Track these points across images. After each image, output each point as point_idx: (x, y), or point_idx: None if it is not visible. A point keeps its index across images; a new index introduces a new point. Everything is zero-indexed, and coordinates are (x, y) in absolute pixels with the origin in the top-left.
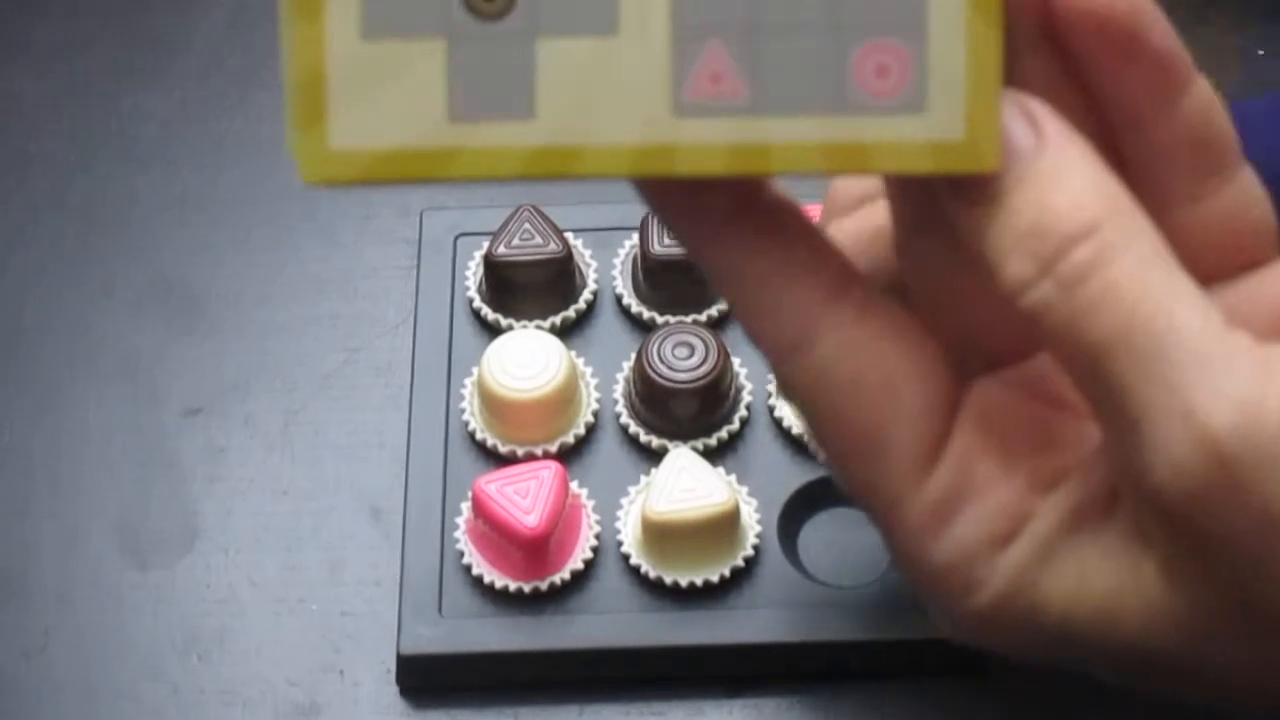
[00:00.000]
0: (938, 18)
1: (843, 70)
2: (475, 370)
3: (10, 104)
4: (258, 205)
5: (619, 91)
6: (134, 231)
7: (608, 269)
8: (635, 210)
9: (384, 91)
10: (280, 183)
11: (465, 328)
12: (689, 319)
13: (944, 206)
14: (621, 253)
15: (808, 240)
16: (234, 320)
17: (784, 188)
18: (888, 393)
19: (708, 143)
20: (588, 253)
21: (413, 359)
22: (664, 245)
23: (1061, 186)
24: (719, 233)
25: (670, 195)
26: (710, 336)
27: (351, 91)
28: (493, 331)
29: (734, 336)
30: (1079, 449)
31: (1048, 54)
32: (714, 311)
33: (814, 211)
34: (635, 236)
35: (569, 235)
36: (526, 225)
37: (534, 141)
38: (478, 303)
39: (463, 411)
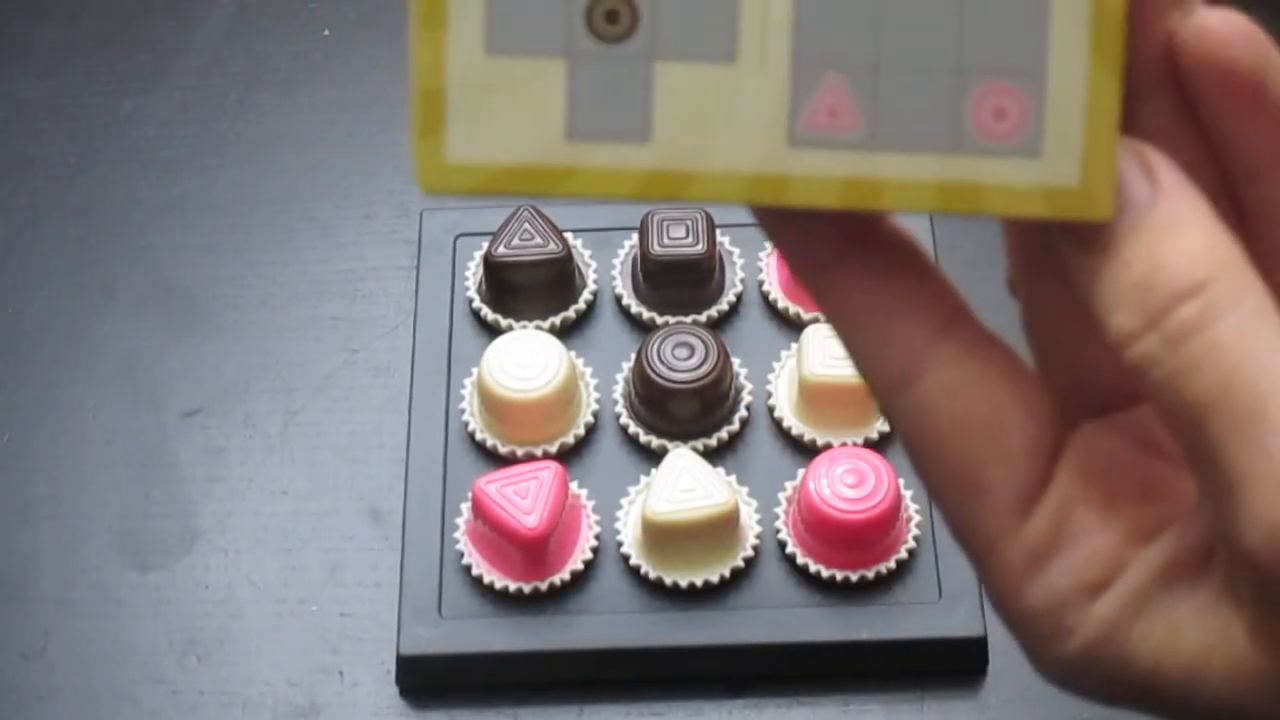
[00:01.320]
0: (1057, 62)
1: (960, 110)
2: (475, 371)
3: (11, 107)
4: (258, 207)
5: (735, 119)
6: (134, 233)
7: (607, 269)
8: (635, 210)
9: (504, 106)
10: (280, 184)
11: (465, 328)
12: (689, 319)
13: (1057, 250)
14: (621, 253)
15: (920, 275)
16: (234, 321)
17: (898, 220)
18: (992, 432)
19: (821, 175)
20: (587, 253)
21: (412, 360)
22: (663, 245)
23: (1174, 240)
24: (831, 263)
25: (784, 222)
26: (710, 337)
27: (472, 104)
28: (492, 332)
29: (734, 337)
30: (1179, 502)
31: (1169, 100)
32: (714, 312)
33: None
34: (635, 236)
35: (569, 235)
36: (526, 225)
37: (648, 164)
38: (477, 303)
39: (462, 412)
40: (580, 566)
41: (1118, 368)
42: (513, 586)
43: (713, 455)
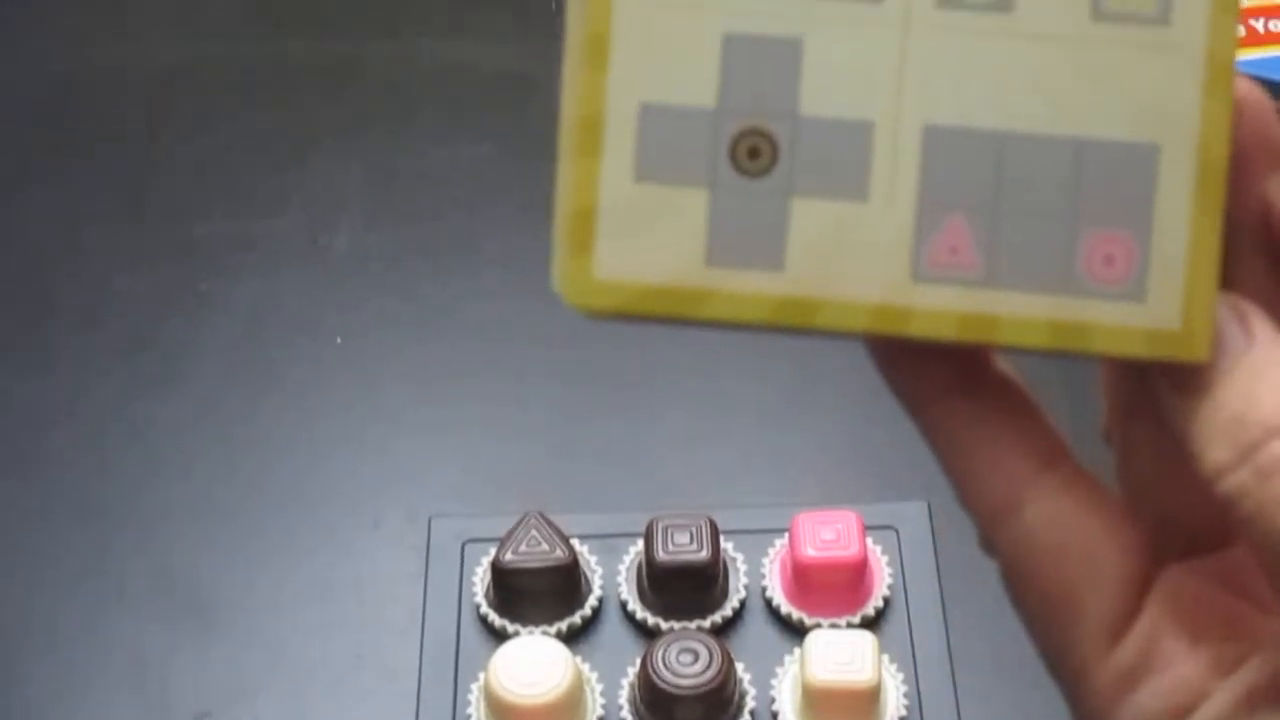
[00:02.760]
0: (1163, 215)
1: (1072, 255)
2: (482, 675)
3: (27, 408)
4: (268, 510)
5: (863, 253)
6: (145, 534)
7: (613, 574)
8: (640, 517)
9: (649, 230)
10: (291, 488)
11: (472, 633)
12: (693, 624)
13: (1155, 390)
14: (627, 559)
15: (1025, 412)
16: (243, 623)
17: (1006, 361)
18: (1087, 563)
19: (941, 309)
20: (593, 559)
21: (420, 664)
22: (668, 551)
23: (1266, 384)
24: (940, 397)
25: (898, 357)
26: (714, 643)
27: (619, 227)
28: (499, 637)
29: (737, 642)
30: (1262, 638)
31: (1264, 260)
32: (718, 617)
33: None
34: (640, 543)
35: (575, 541)
36: (533, 532)
37: (781, 292)
38: (485, 608)
39: (469, 716)
40: None
41: (1206, 510)
42: None
43: None
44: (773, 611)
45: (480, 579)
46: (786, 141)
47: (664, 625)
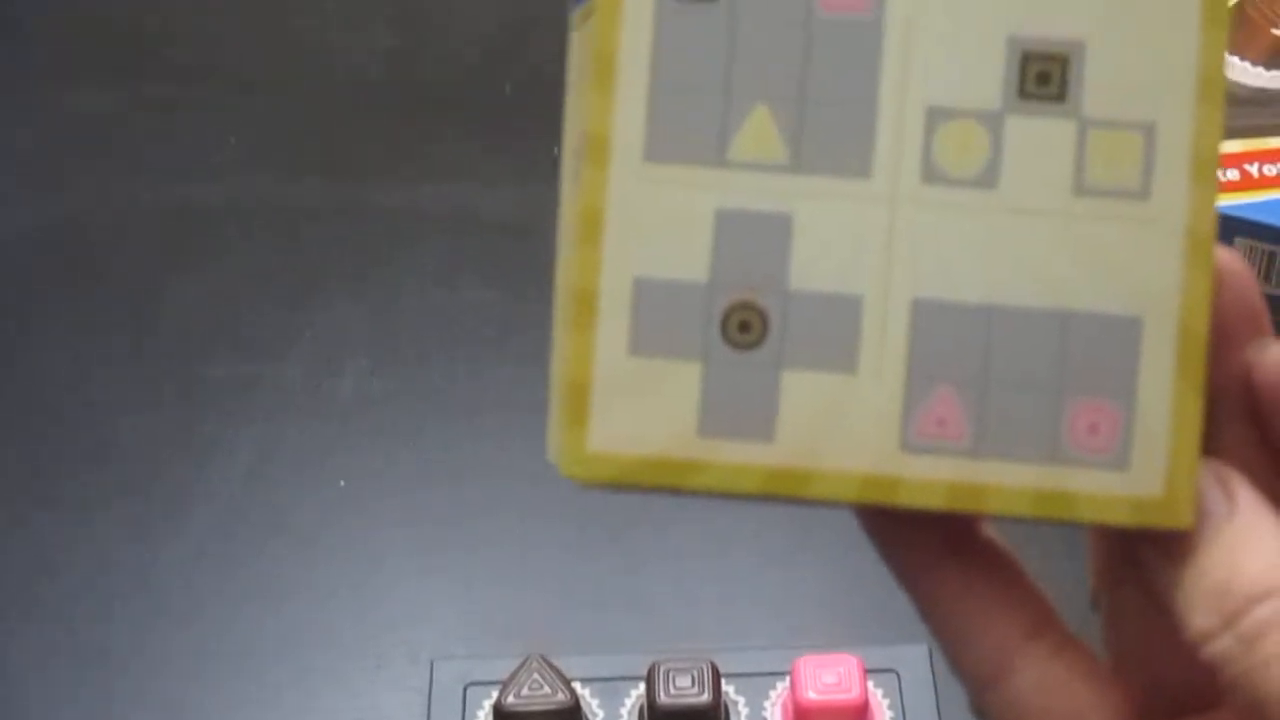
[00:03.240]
0: (1146, 385)
1: (1058, 425)
2: None
3: (34, 550)
4: (271, 653)
5: (852, 425)
6: (148, 678)
7: (615, 717)
8: (641, 660)
9: (643, 402)
10: (294, 631)
11: None
12: None
13: (1140, 557)
14: (628, 702)
15: (1013, 580)
16: None
17: (994, 528)
18: None
19: (929, 479)
20: (595, 702)
21: None
22: (670, 695)
23: (1249, 551)
24: (930, 566)
25: (887, 526)
26: None
27: (614, 399)
28: None
29: None
30: None
31: (1246, 428)
32: None
33: None
34: (641, 686)
35: (577, 684)
36: (535, 675)
37: (771, 462)
38: None
39: None
40: None
41: (1193, 673)
42: None
43: None
44: None
45: None
46: (777, 315)
47: None
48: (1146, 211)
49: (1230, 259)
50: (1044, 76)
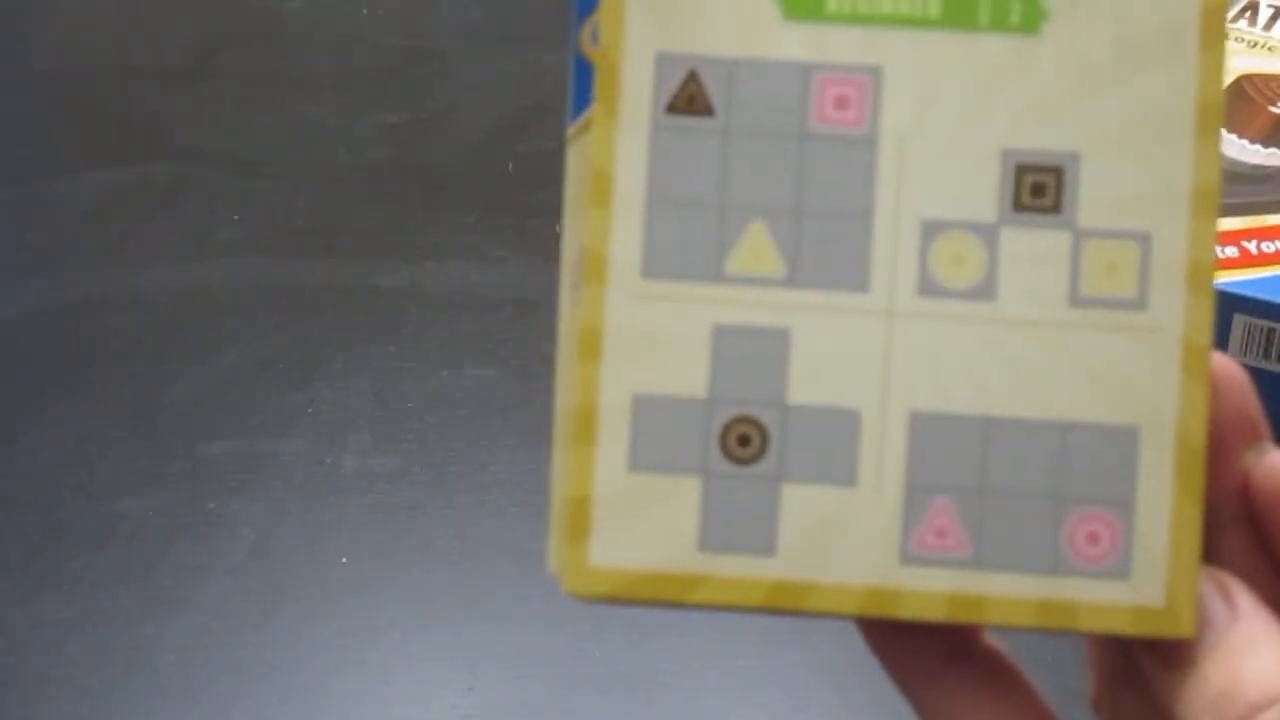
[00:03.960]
0: (1145, 495)
1: (1057, 535)
2: None
3: (35, 629)
4: None
5: (852, 537)
6: None
7: None
8: None
9: (643, 518)
10: (295, 712)
11: None
12: None
13: (1141, 664)
14: None
15: (1013, 685)
16: None
17: (995, 636)
18: None
19: (930, 591)
20: None
21: None
22: None
23: (1250, 659)
24: (932, 675)
25: (889, 638)
26: None
27: (614, 516)
28: None
29: None
30: None
31: (1244, 535)
32: None
33: None
34: None
35: None
36: None
37: (773, 576)
38: None
39: None
40: None
41: None
42: None
43: None
44: None
45: None
46: (776, 429)
47: None
48: (1143, 321)
49: (1226, 365)
50: (1039, 188)
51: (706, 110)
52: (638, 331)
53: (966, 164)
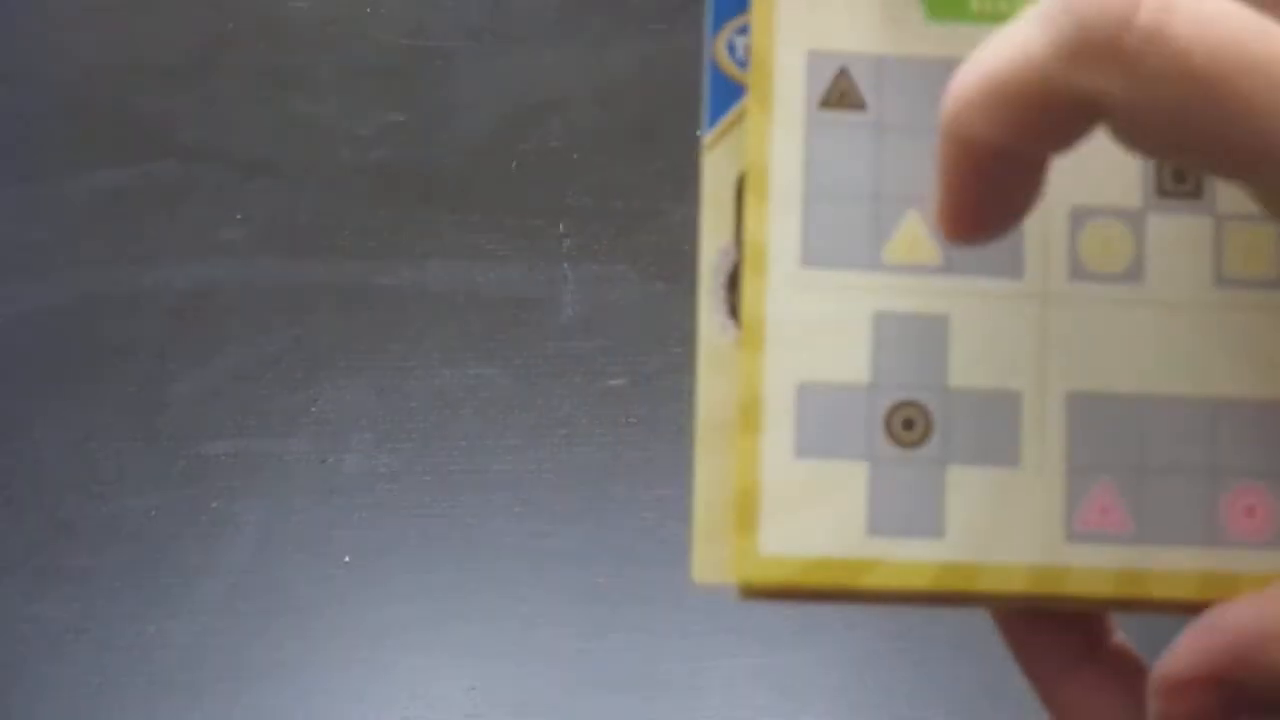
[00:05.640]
0: None
1: (1215, 509)
2: None
3: (37, 628)
4: None
5: (1018, 517)
6: None
7: None
8: None
9: (812, 505)
10: (298, 709)
11: None
12: None
13: None
14: None
15: (1142, 685)
16: None
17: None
18: None
19: (1095, 568)
20: None
21: None
22: None
23: None
24: (1065, 672)
25: (1027, 632)
26: None
27: (783, 504)
28: None
29: None
30: None
31: None
32: None
33: None
34: None
35: None
36: None
37: (942, 558)
38: None
39: None
40: None
41: None
42: None
43: None
44: None
45: None
46: (939, 413)
47: None
48: None
49: None
50: (1180, 174)
51: (858, 105)
52: (798, 320)
53: (1111, 153)
